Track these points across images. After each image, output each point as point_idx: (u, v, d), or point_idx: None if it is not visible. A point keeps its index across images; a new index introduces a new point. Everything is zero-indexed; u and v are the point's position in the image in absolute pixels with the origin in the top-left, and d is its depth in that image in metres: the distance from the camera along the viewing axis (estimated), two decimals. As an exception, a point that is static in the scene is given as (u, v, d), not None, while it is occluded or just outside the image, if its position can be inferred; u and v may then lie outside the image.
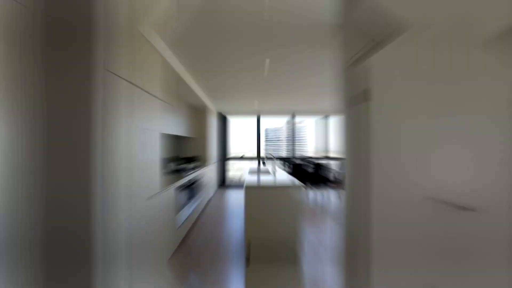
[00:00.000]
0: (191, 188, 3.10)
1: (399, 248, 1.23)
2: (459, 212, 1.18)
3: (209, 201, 4.81)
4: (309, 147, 7.09)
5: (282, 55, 2.45)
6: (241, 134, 6.90)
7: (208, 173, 4.66)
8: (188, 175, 3.05)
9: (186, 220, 2.89)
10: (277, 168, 3.71)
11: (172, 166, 3.57)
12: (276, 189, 2.28)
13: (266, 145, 7.22)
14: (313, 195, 5.08)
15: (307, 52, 2.37)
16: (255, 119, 6.57)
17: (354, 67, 1.36)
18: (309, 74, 3.14)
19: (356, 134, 1.34)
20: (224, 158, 6.48)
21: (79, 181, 1.08)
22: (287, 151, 6.79)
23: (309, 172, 4.95)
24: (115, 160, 1.26)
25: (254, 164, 6.76)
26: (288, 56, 2.48)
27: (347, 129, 1.47)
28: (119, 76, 1.31)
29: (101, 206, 1.15)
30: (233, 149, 6.87)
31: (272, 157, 3.68)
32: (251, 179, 2.75)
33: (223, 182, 6.45)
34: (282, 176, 3.02)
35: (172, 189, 2.32)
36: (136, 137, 1.51)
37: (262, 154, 6.57)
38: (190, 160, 4.39)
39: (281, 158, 6.43)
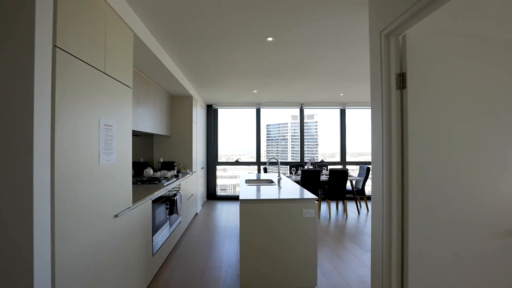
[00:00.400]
0: (171, 202, 3.08)
1: (442, 275, 1.20)
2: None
3: (194, 217, 4.79)
4: (323, 149, 7.08)
5: (290, 28, 2.42)
6: (236, 132, 6.89)
7: (193, 182, 4.63)
8: (167, 185, 3.03)
9: (165, 243, 2.86)
10: (282, 175, 3.70)
11: (147, 173, 3.54)
12: (280, 203, 2.26)
13: (267, 146, 7.22)
14: (329, 209, 5.07)
15: (321, 23, 2.35)
16: (253, 113, 6.56)
17: (386, 44, 1.34)
18: (323, 54, 3.12)
19: (387, 132, 1.32)
20: (213, 162, 6.47)
21: (18, 193, 1.03)
22: (295, 154, 6.78)
23: (323, 181, 4.94)
24: (69, 166, 1.23)
25: (252, 170, 6.81)
26: (297, 29, 2.45)
27: (375, 126, 1.45)
28: (74, 56, 1.27)
29: (47, 227, 1.11)
30: (226, 152, 6.85)
31: (276, 161, 3.69)
32: (248, 190, 2.72)
33: (212, 194, 6.45)
34: (288, 186, 3.00)
35: (146, 204, 2.29)
36: (98, 135, 1.48)
37: (263, 157, 6.55)
38: (169, 165, 4.38)
39: (287, 163, 6.41)
